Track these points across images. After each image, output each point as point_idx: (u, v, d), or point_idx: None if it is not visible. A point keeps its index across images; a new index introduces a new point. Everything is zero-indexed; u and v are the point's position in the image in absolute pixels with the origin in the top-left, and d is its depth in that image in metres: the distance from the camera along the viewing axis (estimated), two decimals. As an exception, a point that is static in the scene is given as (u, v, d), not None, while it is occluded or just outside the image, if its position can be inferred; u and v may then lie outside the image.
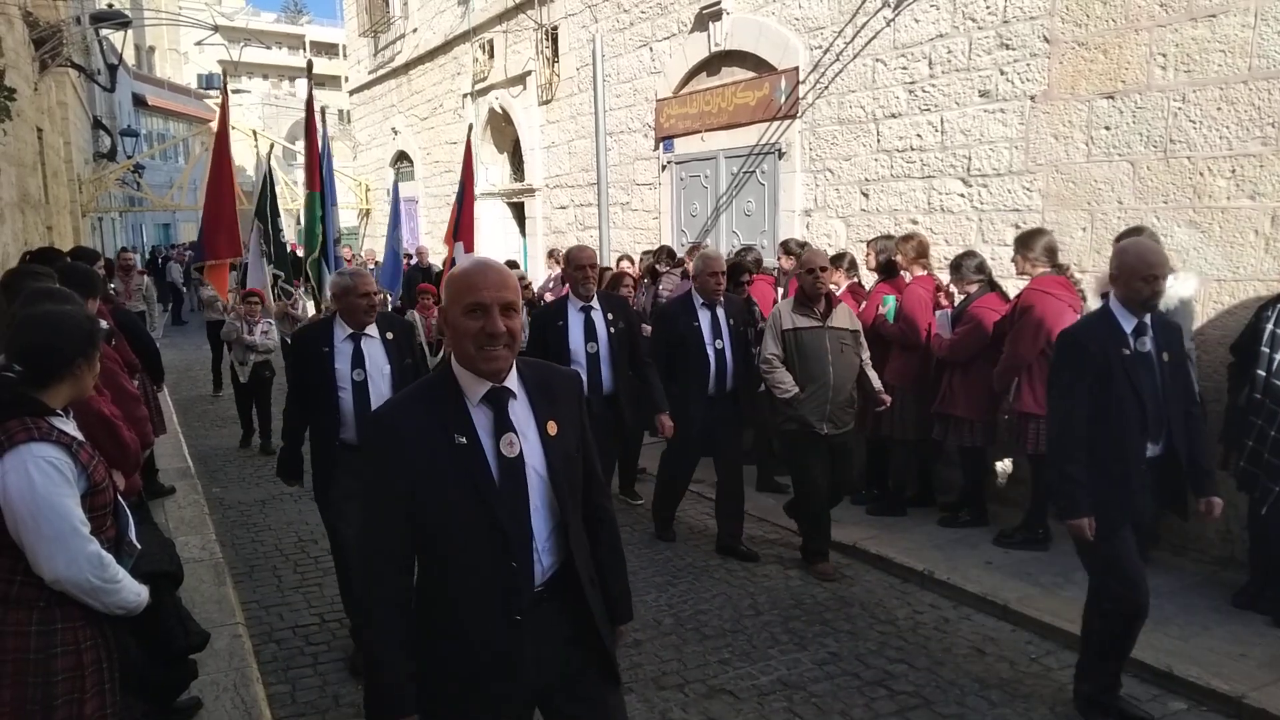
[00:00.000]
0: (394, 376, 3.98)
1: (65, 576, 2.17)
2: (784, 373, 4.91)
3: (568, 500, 2.02)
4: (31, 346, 2.27)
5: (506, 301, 1.89)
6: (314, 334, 4.04)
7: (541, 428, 2.00)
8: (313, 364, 3.92)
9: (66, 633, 2.22)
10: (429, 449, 1.90)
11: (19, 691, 2.17)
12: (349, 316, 3.93)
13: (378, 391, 3.92)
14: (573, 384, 2.16)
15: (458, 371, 1.96)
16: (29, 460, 2.14)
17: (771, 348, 4.94)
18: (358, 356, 3.93)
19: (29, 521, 2.13)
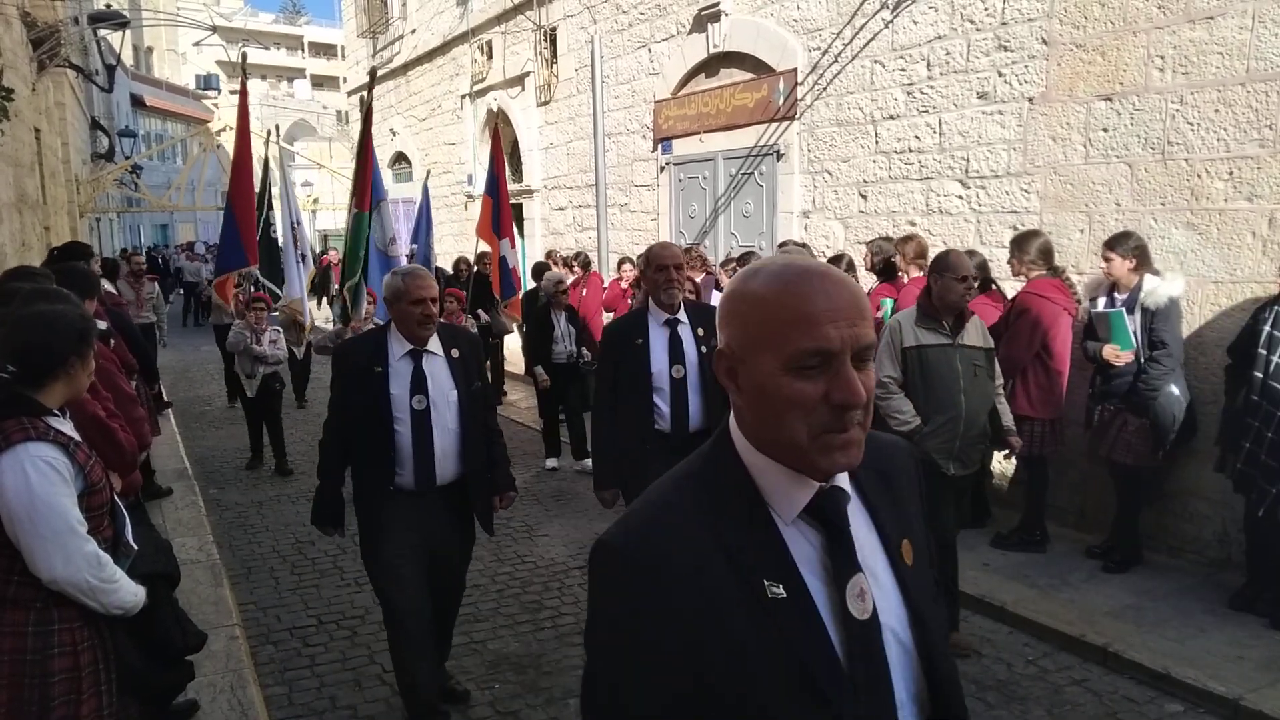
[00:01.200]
0: (461, 404, 3.36)
1: (62, 576, 2.16)
2: (903, 399, 4.07)
3: (945, 680, 1.16)
4: (24, 346, 2.26)
5: (864, 343, 1.06)
6: (363, 350, 3.36)
7: (894, 554, 1.17)
8: (361, 387, 3.25)
9: (64, 633, 2.22)
10: (717, 609, 1.04)
11: (15, 692, 2.16)
12: (404, 328, 3.27)
13: (442, 424, 3.31)
14: (907, 460, 1.31)
15: (752, 462, 1.11)
16: (26, 460, 2.14)
17: (889, 369, 4.11)
18: (418, 379, 3.27)
19: (26, 521, 2.13)
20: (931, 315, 4.03)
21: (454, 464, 3.36)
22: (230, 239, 7.68)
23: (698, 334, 3.99)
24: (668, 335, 3.94)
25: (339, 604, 4.84)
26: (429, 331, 3.30)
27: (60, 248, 5.90)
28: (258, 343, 7.35)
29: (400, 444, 3.25)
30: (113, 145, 20.64)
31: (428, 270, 3.36)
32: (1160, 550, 5.04)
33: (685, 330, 3.96)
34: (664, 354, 3.93)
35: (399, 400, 3.25)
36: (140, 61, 37.55)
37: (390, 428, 3.24)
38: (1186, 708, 3.66)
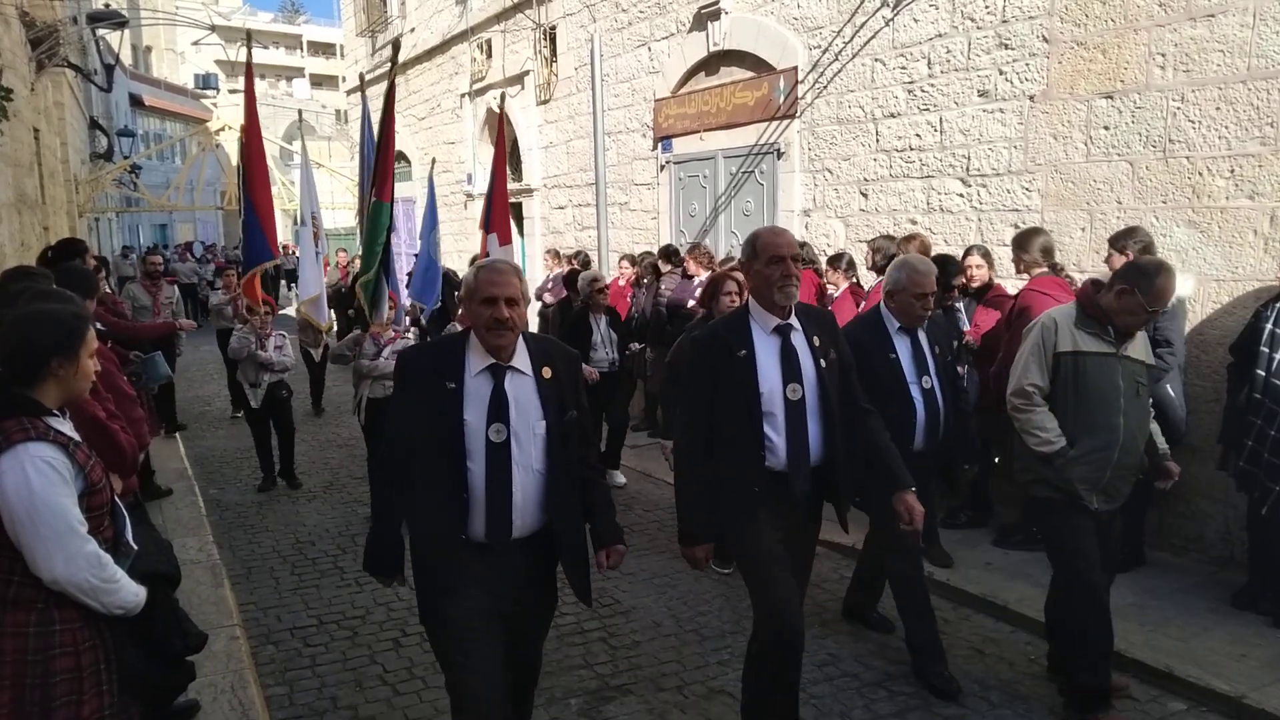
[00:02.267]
0: (550, 437, 2.65)
1: (63, 576, 2.16)
2: (1046, 414, 3.44)
3: None
4: (8, 347, 2.25)
5: None
6: (433, 359, 2.73)
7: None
8: (428, 407, 2.61)
9: (65, 634, 2.21)
10: None
11: (18, 693, 2.15)
12: (478, 335, 2.64)
13: (525, 461, 2.62)
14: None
15: None
16: (26, 460, 2.13)
17: (1034, 375, 3.45)
18: (498, 402, 2.60)
19: (26, 522, 2.12)
20: (1096, 318, 3.39)
21: (536, 513, 2.67)
22: (254, 232, 7.11)
23: (813, 344, 3.15)
24: (778, 345, 3.09)
25: (340, 604, 4.83)
26: (503, 340, 2.60)
27: (54, 246, 5.87)
28: (262, 348, 6.83)
29: (472, 484, 2.59)
30: (111, 145, 20.62)
31: (510, 264, 2.71)
32: (1163, 549, 5.04)
33: (799, 339, 3.12)
34: (775, 369, 3.07)
35: (473, 429, 2.58)
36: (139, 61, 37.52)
37: (461, 463, 2.57)
38: (1189, 706, 3.66)
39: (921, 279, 3.73)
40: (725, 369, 3.07)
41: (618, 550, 2.82)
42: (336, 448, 8.37)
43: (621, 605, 4.77)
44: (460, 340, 2.70)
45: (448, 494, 2.58)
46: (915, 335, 3.83)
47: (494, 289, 2.57)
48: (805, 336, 3.14)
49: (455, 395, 2.58)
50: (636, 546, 5.65)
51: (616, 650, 4.26)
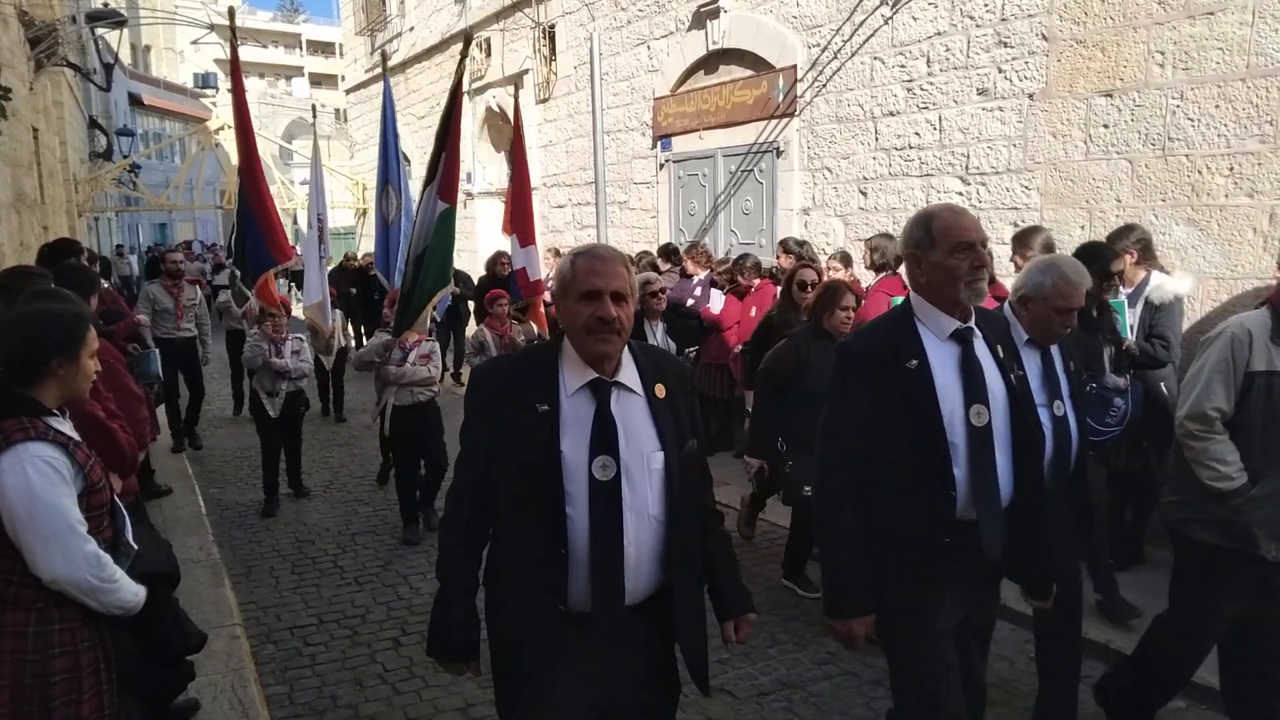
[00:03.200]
0: (669, 475, 2.05)
1: (63, 576, 2.16)
2: (1228, 444, 2.90)
3: None
4: (7, 346, 2.25)
5: None
6: (516, 376, 2.09)
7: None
8: (513, 436, 2.00)
9: (64, 634, 2.21)
10: None
11: (17, 693, 2.16)
12: (575, 340, 2.03)
13: (639, 506, 2.01)
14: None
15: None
16: (26, 460, 2.13)
17: (1219, 398, 2.91)
18: (604, 429, 1.99)
19: (26, 521, 2.12)
20: None
21: (654, 571, 2.07)
22: (254, 238, 6.74)
23: (997, 353, 2.43)
24: (957, 356, 2.37)
25: (340, 603, 4.83)
26: (610, 347, 2.00)
27: (50, 245, 5.87)
28: (278, 355, 6.35)
29: (573, 536, 1.97)
30: (111, 144, 20.61)
31: (614, 250, 2.13)
32: (1163, 546, 5.03)
33: (982, 347, 2.41)
34: (955, 386, 2.34)
35: (572, 464, 1.97)
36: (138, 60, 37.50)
37: (558, 508, 1.97)
38: (1189, 704, 3.66)
39: (1071, 290, 2.92)
40: (891, 385, 2.35)
41: (748, 620, 2.25)
42: (337, 447, 8.37)
43: (621, 604, 4.77)
44: (550, 350, 2.10)
45: (540, 550, 1.99)
46: (1047, 350, 3.02)
47: (596, 279, 1.98)
48: (988, 345, 2.43)
49: (548, 420, 1.98)
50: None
51: (616, 649, 4.26)
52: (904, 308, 2.51)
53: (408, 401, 5.73)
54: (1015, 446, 2.39)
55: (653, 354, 2.21)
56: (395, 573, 5.24)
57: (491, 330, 6.51)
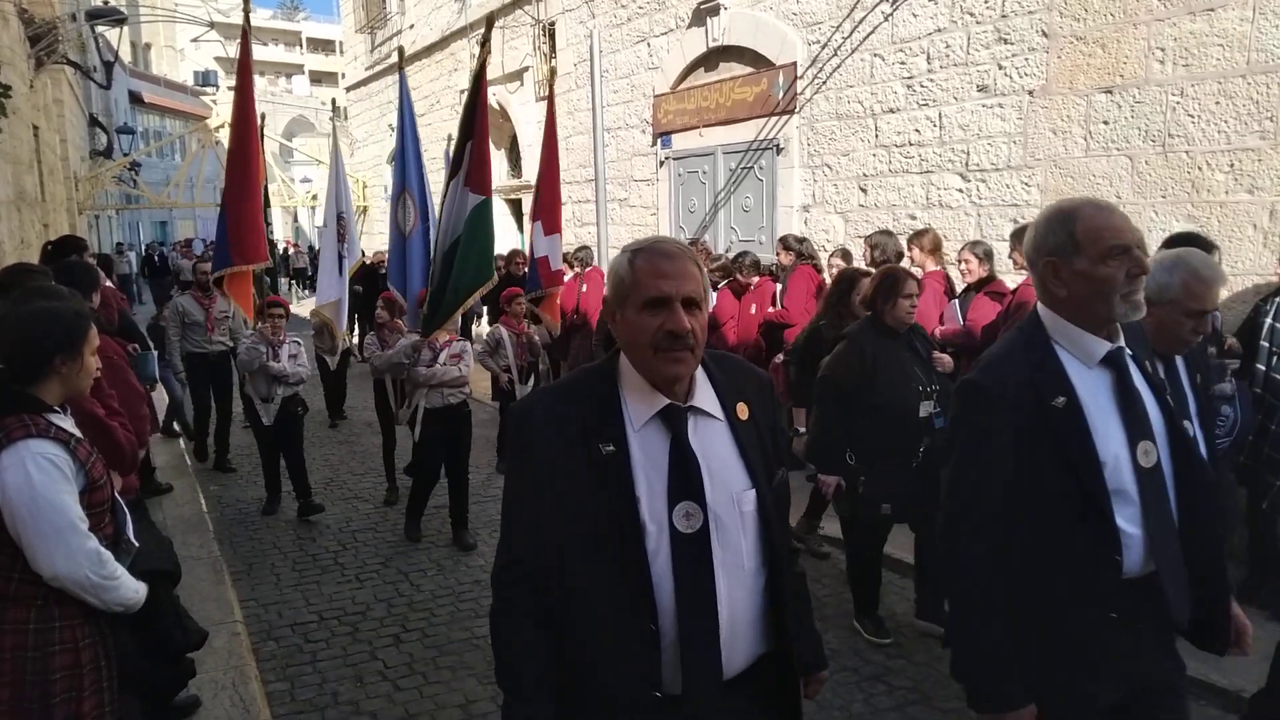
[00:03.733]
0: (762, 514, 1.68)
1: (64, 573, 2.16)
2: None
3: None
4: (9, 344, 2.25)
5: None
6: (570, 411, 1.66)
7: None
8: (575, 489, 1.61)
9: (65, 630, 2.22)
10: None
11: (17, 690, 2.16)
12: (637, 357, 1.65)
13: (732, 558, 1.64)
14: None
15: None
16: (27, 457, 2.13)
17: None
18: (684, 468, 1.62)
19: (27, 518, 2.12)
20: None
21: (752, 638, 1.69)
22: (220, 235, 6.70)
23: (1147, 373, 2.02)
24: (1110, 384, 1.94)
25: (340, 600, 4.84)
26: (683, 367, 1.63)
27: (54, 242, 5.87)
28: (275, 358, 6.04)
29: (659, 598, 1.59)
30: (111, 142, 20.61)
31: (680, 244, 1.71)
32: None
33: (1135, 370, 1.98)
34: (1115, 423, 1.91)
35: (649, 516, 1.60)
36: (138, 58, 37.49)
37: (641, 574, 1.58)
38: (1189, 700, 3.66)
39: (1204, 289, 2.49)
40: (1035, 430, 1.91)
41: (819, 679, 1.97)
42: (337, 444, 8.37)
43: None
44: (605, 374, 1.71)
45: (622, 625, 1.61)
46: (1172, 361, 2.60)
47: (664, 284, 1.59)
48: (1137, 365, 2.00)
49: (616, 464, 1.61)
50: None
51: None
52: (1032, 328, 2.01)
53: (439, 404, 5.46)
54: (1180, 484, 1.95)
55: (727, 364, 1.80)
56: (396, 570, 5.24)
57: (508, 328, 6.44)
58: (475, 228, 5.26)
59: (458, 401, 5.55)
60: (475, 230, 5.27)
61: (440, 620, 4.58)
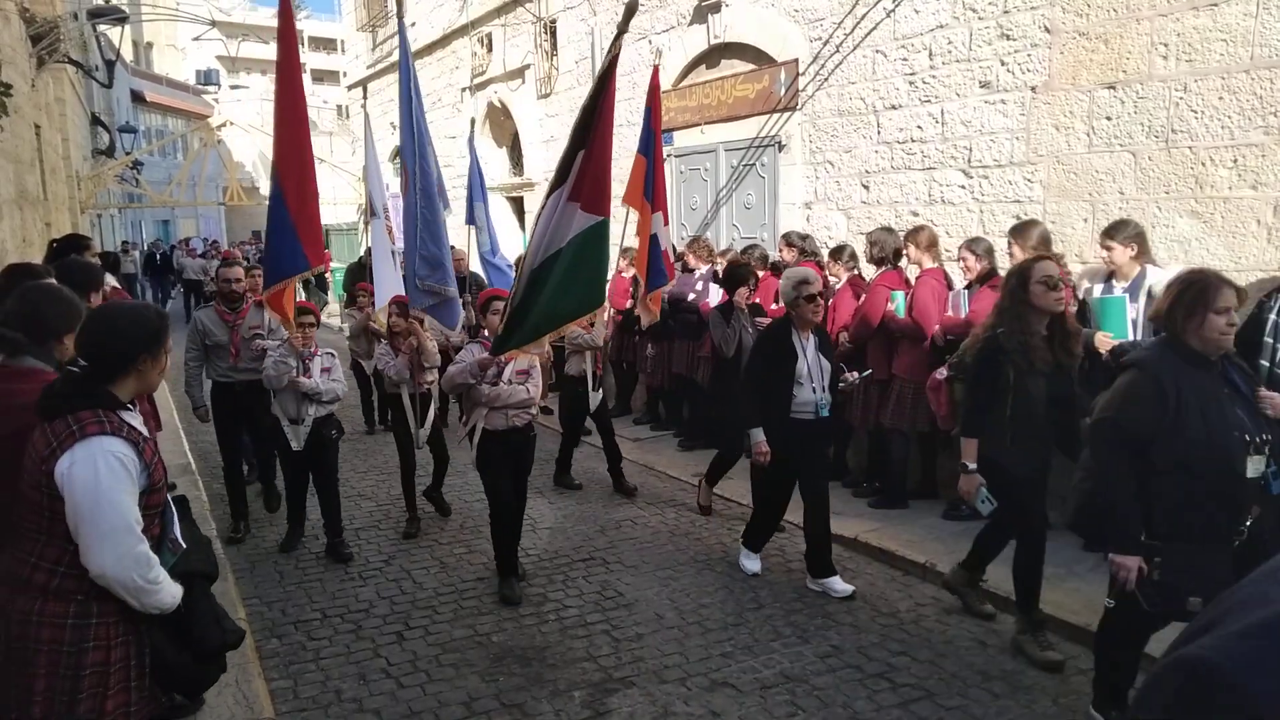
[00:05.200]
0: None
1: (111, 573, 2.20)
2: None
3: None
4: (100, 344, 2.30)
5: None
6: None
7: None
8: None
9: (100, 628, 2.26)
10: None
11: (51, 681, 2.21)
12: None
13: None
14: None
15: None
16: (99, 454, 2.17)
17: None
18: None
19: (87, 514, 2.16)
20: None
21: None
22: (284, 235, 5.33)
23: None
24: None
25: (343, 597, 4.84)
26: None
27: (59, 240, 5.86)
28: (305, 372, 5.27)
29: None
30: (113, 141, 20.63)
31: None
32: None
33: None
34: None
35: None
36: (140, 57, 37.49)
37: None
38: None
39: None
40: None
41: None
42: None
43: (624, 598, 4.78)
44: None
45: None
46: None
47: None
48: None
49: None
50: (638, 539, 5.67)
51: (620, 643, 4.27)
52: None
53: (501, 426, 4.77)
54: None
55: None
56: (399, 567, 5.25)
57: None
58: (586, 250, 4.59)
59: (523, 424, 4.88)
60: (586, 253, 4.59)
61: (443, 618, 4.59)
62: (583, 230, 4.55)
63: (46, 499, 2.19)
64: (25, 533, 2.25)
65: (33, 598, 2.22)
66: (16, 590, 2.23)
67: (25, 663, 2.21)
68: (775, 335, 4.80)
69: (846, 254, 6.41)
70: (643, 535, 5.73)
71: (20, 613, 2.21)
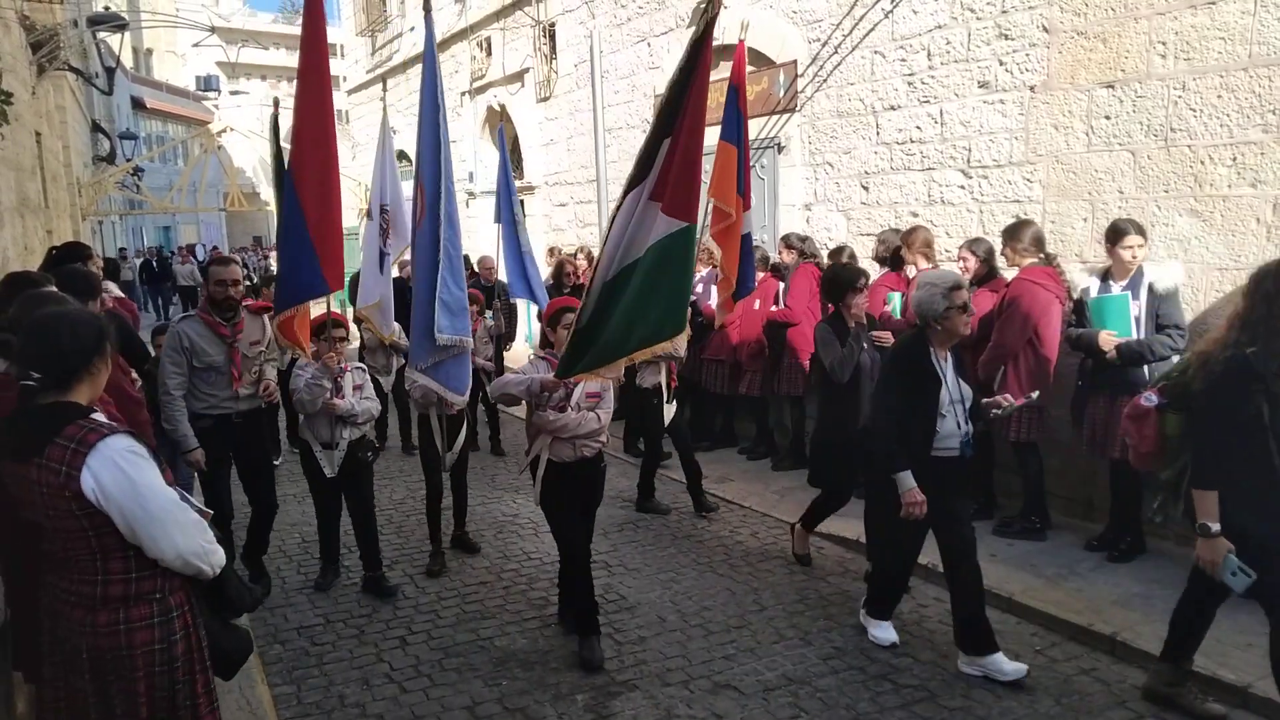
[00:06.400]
0: None
1: (186, 549, 2.26)
2: None
3: None
4: (52, 350, 2.26)
5: None
6: None
7: None
8: None
9: (179, 620, 2.34)
10: None
11: (150, 681, 2.28)
12: None
13: None
14: None
15: None
16: (114, 455, 2.17)
17: None
18: None
19: (138, 510, 2.18)
20: None
21: None
22: (300, 250, 4.59)
23: None
24: None
25: (346, 603, 4.84)
26: None
27: (59, 248, 5.86)
28: (338, 393, 4.76)
29: None
30: (114, 148, 20.68)
31: None
32: (1167, 538, 5.03)
33: None
34: None
35: None
36: (140, 63, 37.57)
37: None
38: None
39: None
40: None
41: None
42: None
43: (626, 600, 4.78)
44: None
45: None
46: None
47: None
48: None
49: None
50: (640, 542, 5.66)
51: (622, 645, 4.27)
52: None
53: (569, 457, 4.16)
54: None
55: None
56: (401, 572, 5.25)
57: None
58: (667, 261, 3.76)
59: (591, 454, 4.23)
60: (666, 264, 3.76)
61: (446, 622, 4.59)
62: (663, 237, 3.77)
63: (85, 521, 2.18)
64: (75, 560, 2.25)
65: (114, 609, 2.25)
66: (91, 609, 2.25)
67: (121, 672, 2.26)
68: (911, 357, 3.91)
69: (846, 255, 6.42)
70: (644, 538, 5.73)
71: (105, 625, 2.24)
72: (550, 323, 4.36)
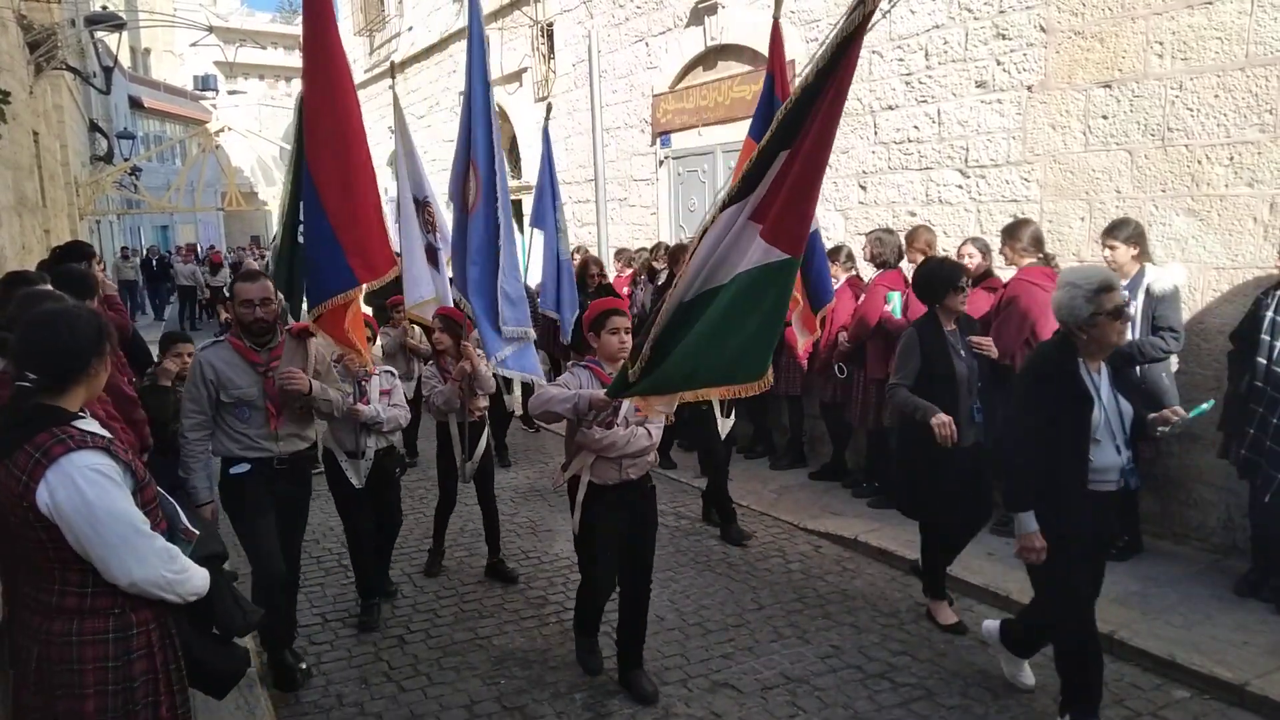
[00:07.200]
0: None
1: (140, 578, 2.16)
2: None
3: None
4: (48, 349, 2.19)
5: None
6: None
7: None
8: None
9: (141, 636, 2.23)
10: None
11: (100, 701, 2.17)
12: None
13: None
14: None
15: None
16: (74, 472, 2.08)
17: None
18: None
19: (91, 534, 2.09)
20: None
21: None
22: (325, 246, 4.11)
23: None
24: None
25: (345, 602, 4.84)
26: None
27: (61, 247, 5.85)
28: (363, 398, 4.45)
29: None
30: (111, 147, 20.64)
31: None
32: (1165, 537, 5.04)
33: None
34: None
35: None
36: (138, 63, 37.53)
37: None
38: (1193, 694, 3.66)
39: None
40: None
41: None
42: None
43: (625, 600, 4.78)
44: None
45: None
46: None
47: None
48: None
49: None
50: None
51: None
52: None
53: (612, 479, 3.68)
54: None
55: None
56: (399, 571, 5.25)
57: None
58: (759, 295, 3.10)
59: (639, 477, 3.76)
60: (757, 299, 3.10)
61: (444, 621, 4.59)
62: (756, 267, 3.09)
63: (43, 533, 2.10)
64: (39, 566, 2.18)
65: (69, 619, 2.17)
66: (49, 615, 2.18)
67: (70, 685, 2.15)
68: (1057, 371, 3.27)
69: (844, 254, 6.42)
70: (643, 537, 5.73)
71: (58, 635, 2.16)
72: (594, 326, 3.74)
